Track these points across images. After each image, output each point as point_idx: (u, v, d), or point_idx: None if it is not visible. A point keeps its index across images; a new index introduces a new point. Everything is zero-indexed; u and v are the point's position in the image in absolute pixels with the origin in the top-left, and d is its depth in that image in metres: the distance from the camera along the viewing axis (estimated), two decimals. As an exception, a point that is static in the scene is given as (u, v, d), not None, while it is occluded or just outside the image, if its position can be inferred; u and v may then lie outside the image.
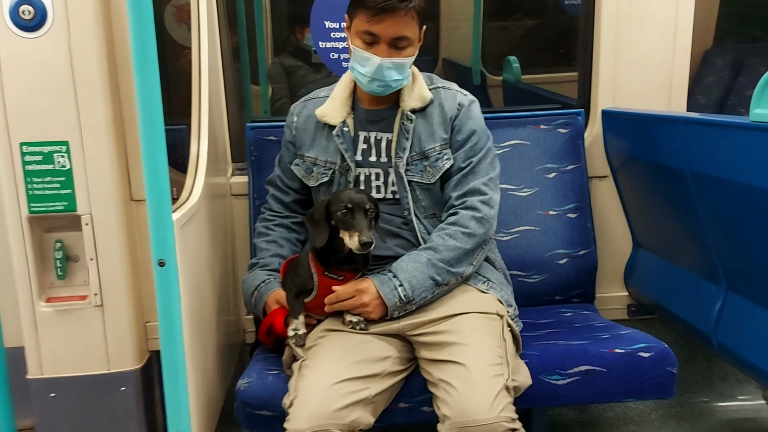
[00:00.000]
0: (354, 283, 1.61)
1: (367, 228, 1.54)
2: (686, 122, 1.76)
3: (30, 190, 1.73)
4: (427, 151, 1.72)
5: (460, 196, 1.71)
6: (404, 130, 1.72)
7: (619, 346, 1.67)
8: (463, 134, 1.73)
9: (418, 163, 1.72)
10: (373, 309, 1.60)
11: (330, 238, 1.58)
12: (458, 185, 1.72)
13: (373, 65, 1.63)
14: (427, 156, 1.72)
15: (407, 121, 1.72)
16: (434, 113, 1.74)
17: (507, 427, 1.40)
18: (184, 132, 2.01)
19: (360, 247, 1.52)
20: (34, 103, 1.69)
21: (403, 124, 1.72)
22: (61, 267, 1.80)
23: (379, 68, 1.63)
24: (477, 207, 1.69)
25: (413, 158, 1.72)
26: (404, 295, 1.59)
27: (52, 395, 1.81)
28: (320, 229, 1.58)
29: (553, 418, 2.38)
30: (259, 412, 1.57)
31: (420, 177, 1.72)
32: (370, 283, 1.61)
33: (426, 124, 1.73)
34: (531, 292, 2.06)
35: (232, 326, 2.14)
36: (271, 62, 3.84)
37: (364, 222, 1.54)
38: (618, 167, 2.19)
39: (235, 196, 2.20)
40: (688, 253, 1.96)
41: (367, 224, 1.54)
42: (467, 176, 1.72)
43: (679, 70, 2.22)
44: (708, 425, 2.33)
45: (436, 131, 1.72)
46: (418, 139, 1.72)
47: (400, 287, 1.59)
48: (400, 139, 1.72)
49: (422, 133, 1.72)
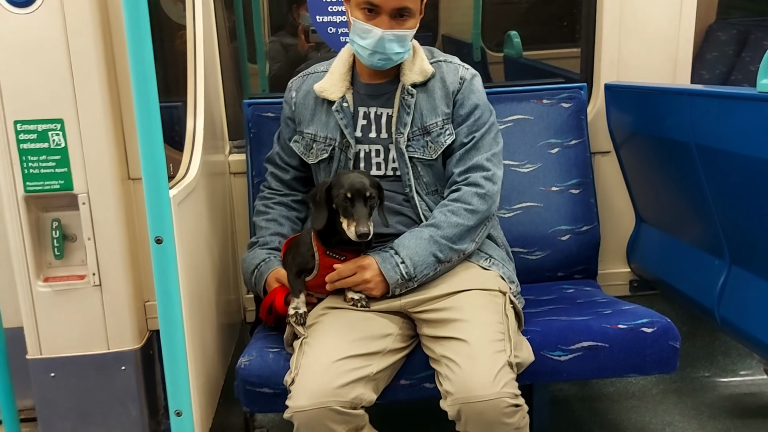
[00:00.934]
0: (356, 260, 1.60)
1: (366, 217, 1.51)
2: (691, 95, 1.73)
3: (25, 168, 1.71)
4: (428, 126, 1.69)
5: (462, 172, 1.69)
6: (405, 105, 1.69)
7: (621, 322, 1.66)
8: (466, 108, 1.70)
9: (419, 139, 1.69)
10: (375, 286, 1.58)
11: (331, 220, 1.56)
12: (461, 161, 1.69)
13: (375, 37, 1.60)
14: (429, 131, 1.69)
15: (408, 96, 1.69)
16: (436, 87, 1.71)
17: (509, 402, 1.40)
18: (180, 109, 1.99)
19: (357, 238, 1.51)
20: (28, 80, 1.66)
21: (403, 99, 1.69)
22: (59, 247, 1.78)
23: (380, 41, 1.60)
24: (480, 183, 1.67)
25: (414, 134, 1.69)
26: (406, 272, 1.58)
27: (52, 375, 1.81)
28: (320, 211, 1.56)
29: (555, 393, 2.39)
30: (259, 390, 1.56)
31: (421, 153, 1.69)
32: (372, 260, 1.59)
33: (428, 99, 1.70)
34: (533, 269, 2.05)
35: (232, 305, 2.13)
36: (270, 40, 3.80)
37: (363, 211, 1.51)
38: (621, 142, 2.16)
39: (233, 174, 2.18)
40: (692, 228, 1.94)
41: (366, 213, 1.52)
42: (470, 152, 1.69)
43: (684, 43, 2.19)
44: (709, 400, 2.34)
45: (438, 106, 1.70)
46: (420, 114, 1.69)
47: (401, 264, 1.58)
48: (401, 114, 1.69)
49: (424, 108, 1.69)
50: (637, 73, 2.19)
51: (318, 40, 3.40)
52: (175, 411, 1.31)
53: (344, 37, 2.18)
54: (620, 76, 2.19)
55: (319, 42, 3.43)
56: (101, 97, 1.71)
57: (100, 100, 1.71)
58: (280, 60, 3.74)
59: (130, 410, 1.85)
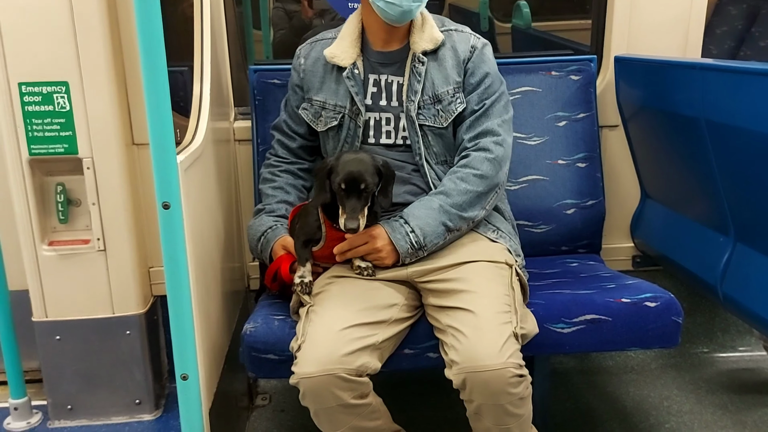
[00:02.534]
0: (366, 230, 1.59)
1: (358, 210, 1.49)
2: (703, 68, 1.71)
3: (30, 131, 1.69)
4: (440, 94, 1.68)
5: (472, 138, 1.68)
6: (416, 73, 1.68)
7: (625, 296, 1.67)
8: (477, 77, 1.70)
9: (430, 107, 1.68)
10: (386, 255, 1.59)
11: (334, 197, 1.55)
12: (471, 127, 1.69)
13: None
14: (440, 99, 1.68)
15: (419, 64, 1.68)
16: (447, 56, 1.70)
17: (515, 373, 1.41)
18: (185, 74, 1.97)
19: (345, 230, 1.50)
20: (32, 42, 1.64)
21: (414, 67, 1.68)
22: (63, 211, 1.78)
23: None
24: (489, 148, 1.66)
25: (425, 102, 1.68)
26: (416, 241, 1.58)
27: (57, 338, 1.82)
28: (321, 191, 1.56)
29: (555, 366, 2.41)
30: (264, 356, 1.58)
31: (432, 121, 1.68)
32: (382, 229, 1.59)
33: (438, 67, 1.69)
34: (537, 242, 2.05)
35: (236, 272, 2.13)
36: (273, 7, 3.75)
37: (355, 204, 1.49)
38: (630, 116, 2.14)
39: (238, 141, 2.17)
40: (698, 204, 1.94)
41: (359, 206, 1.50)
42: (480, 118, 1.69)
43: (696, 17, 2.16)
44: (707, 375, 2.36)
45: (449, 74, 1.69)
46: (431, 82, 1.68)
47: (411, 233, 1.58)
48: (412, 82, 1.68)
49: (435, 77, 1.68)
50: (648, 47, 2.16)
51: (321, 7, 3.36)
52: (182, 375, 1.33)
53: (351, 2, 2.15)
54: (630, 48, 2.17)
55: (322, 9, 3.39)
56: (105, 61, 1.69)
57: (104, 63, 1.69)
58: (284, 27, 3.70)
59: (135, 374, 1.87)
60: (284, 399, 2.28)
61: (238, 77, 2.25)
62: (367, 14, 1.71)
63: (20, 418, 1.90)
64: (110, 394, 1.88)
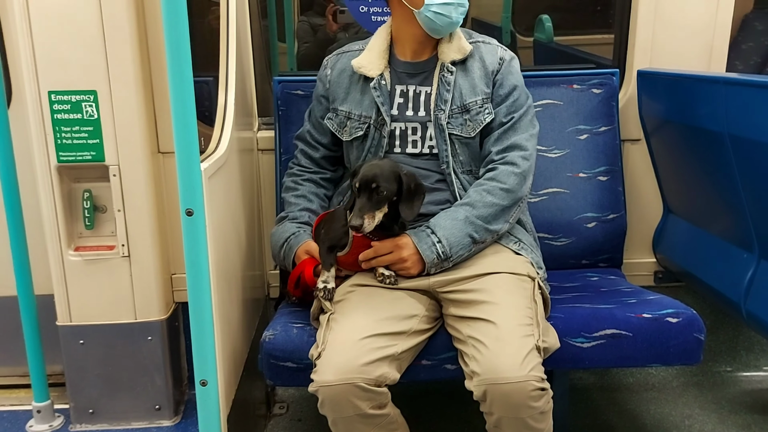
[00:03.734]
0: (393, 239, 1.60)
1: (365, 210, 1.50)
2: (727, 83, 1.70)
3: (58, 139, 1.74)
4: (468, 104, 1.70)
5: (500, 151, 1.69)
6: (445, 83, 1.70)
7: (646, 311, 1.65)
8: (505, 89, 1.72)
9: (458, 117, 1.70)
10: (412, 265, 1.59)
11: None
12: (499, 140, 1.70)
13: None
14: (468, 109, 1.70)
15: (447, 73, 1.70)
16: (474, 67, 1.72)
17: (536, 386, 1.40)
18: (210, 84, 2.00)
19: (349, 227, 1.52)
20: (63, 52, 1.69)
21: (443, 77, 1.70)
22: (89, 217, 1.81)
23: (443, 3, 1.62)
24: (516, 162, 1.68)
25: (454, 111, 1.70)
26: (442, 251, 1.59)
27: (81, 342, 1.85)
28: (350, 195, 1.58)
29: (574, 382, 2.39)
30: (283, 364, 1.58)
31: (460, 130, 1.70)
32: (409, 239, 1.60)
33: (467, 78, 1.71)
34: (557, 256, 2.04)
35: (256, 280, 2.15)
36: (298, 20, 3.79)
37: (364, 203, 1.51)
38: (652, 130, 2.13)
39: (261, 151, 2.20)
40: (722, 220, 1.91)
41: (367, 206, 1.51)
42: (508, 131, 1.70)
43: (721, 31, 2.14)
44: (730, 394, 2.32)
45: (477, 85, 1.70)
46: (459, 92, 1.70)
47: (438, 244, 1.59)
48: (441, 91, 1.70)
49: (463, 87, 1.70)
50: (671, 60, 2.15)
51: (346, 21, 3.39)
52: (201, 381, 1.34)
53: (376, 16, 2.17)
54: (653, 62, 2.16)
55: (347, 23, 3.42)
56: (134, 71, 1.73)
57: (132, 73, 1.73)
58: (308, 40, 3.73)
59: (156, 379, 1.89)
60: (301, 408, 2.28)
61: (262, 88, 2.28)
62: (399, 26, 1.73)
63: (43, 421, 1.93)
64: (131, 399, 1.90)
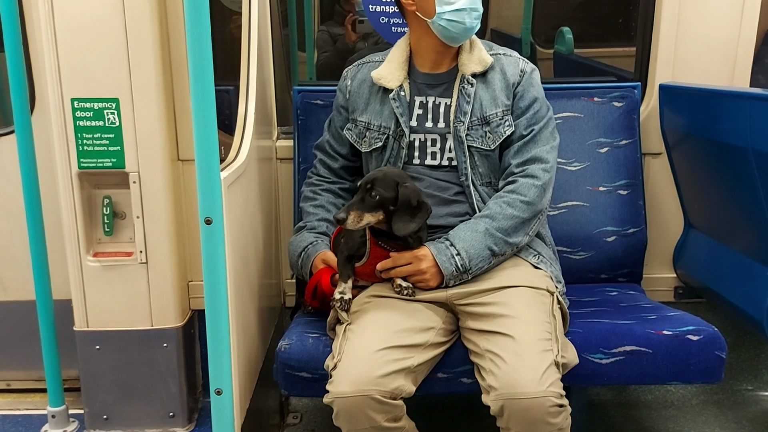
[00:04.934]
0: (412, 251, 1.59)
1: (354, 206, 1.52)
2: (751, 98, 1.68)
3: (80, 145, 1.75)
4: (488, 116, 1.69)
5: (520, 164, 1.68)
6: (465, 95, 1.69)
7: (666, 328, 1.63)
8: (526, 101, 1.71)
9: (478, 129, 1.69)
10: (431, 277, 1.58)
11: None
12: (519, 153, 1.69)
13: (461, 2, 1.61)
14: (489, 122, 1.69)
15: (468, 85, 1.69)
16: (495, 79, 1.71)
17: (555, 402, 1.38)
18: (231, 93, 2.01)
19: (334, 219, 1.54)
20: (86, 59, 1.71)
21: (463, 88, 1.70)
22: (109, 223, 1.83)
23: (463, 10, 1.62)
24: (537, 175, 1.67)
25: (473, 123, 1.69)
26: (461, 264, 1.58)
27: (97, 348, 1.86)
28: None
29: (591, 398, 2.35)
30: (298, 374, 1.58)
31: (480, 143, 1.69)
32: (428, 250, 1.59)
33: (487, 90, 1.70)
34: (576, 269, 2.01)
35: (273, 289, 2.15)
36: (318, 30, 3.81)
37: (356, 201, 1.53)
38: (674, 144, 2.11)
39: (280, 160, 2.20)
40: (745, 236, 1.88)
41: (358, 204, 1.52)
42: (528, 144, 1.69)
43: (745, 45, 2.12)
44: (751, 414, 2.28)
45: (498, 97, 1.70)
46: (479, 104, 1.69)
47: (457, 256, 1.58)
48: (461, 103, 1.69)
49: (483, 99, 1.70)
50: (693, 74, 2.13)
51: (365, 31, 3.40)
52: (216, 389, 1.33)
53: (396, 27, 2.17)
54: (675, 76, 2.14)
55: (366, 32, 3.43)
56: (156, 79, 1.74)
57: (154, 81, 1.74)
58: (328, 49, 3.75)
59: (170, 386, 1.90)
60: (315, 418, 2.27)
61: (282, 97, 2.29)
62: (417, 38, 1.73)
63: (57, 426, 1.94)
64: (145, 406, 1.91)
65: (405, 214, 1.54)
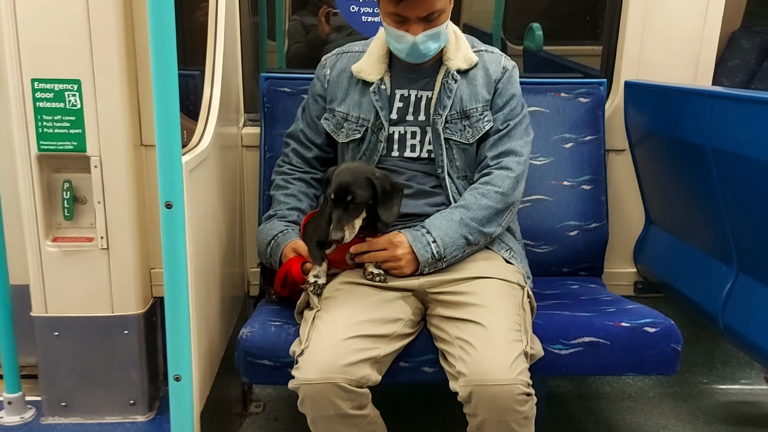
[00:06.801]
0: (388, 235, 1.60)
1: (344, 221, 1.50)
2: (711, 96, 1.71)
3: (40, 127, 1.71)
4: (468, 111, 1.71)
5: (495, 156, 1.71)
6: (447, 89, 1.70)
7: (624, 320, 1.66)
8: (504, 97, 1.73)
9: (457, 122, 1.70)
10: (406, 264, 1.59)
11: None
12: (495, 146, 1.72)
13: (408, 43, 1.62)
14: (468, 116, 1.71)
15: (451, 81, 1.71)
16: (478, 75, 1.73)
17: (523, 390, 1.40)
18: (196, 78, 1.98)
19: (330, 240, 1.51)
20: (47, 39, 1.66)
21: (446, 83, 1.71)
22: (69, 208, 1.79)
23: (413, 46, 1.62)
24: (511, 167, 1.69)
25: (453, 117, 1.70)
26: (437, 251, 1.59)
27: (56, 334, 1.82)
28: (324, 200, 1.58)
29: (551, 389, 2.39)
30: (259, 362, 1.57)
31: (459, 136, 1.71)
32: (404, 237, 1.60)
33: (469, 85, 1.72)
34: (538, 263, 2.04)
35: (236, 278, 2.14)
36: (291, 19, 3.78)
37: (341, 215, 1.50)
38: (637, 141, 2.14)
39: (246, 147, 2.18)
40: (702, 233, 1.93)
41: (344, 217, 1.50)
42: (504, 138, 1.72)
43: (708, 45, 2.17)
44: (706, 406, 2.34)
45: (479, 92, 1.72)
46: (460, 99, 1.71)
47: (433, 243, 1.59)
48: (442, 96, 1.70)
49: (464, 94, 1.71)
50: (658, 72, 2.17)
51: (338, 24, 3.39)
52: (174, 376, 1.32)
53: (366, 17, 2.16)
54: (640, 74, 2.17)
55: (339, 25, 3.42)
56: (118, 62, 1.71)
57: (117, 64, 1.71)
58: (299, 40, 3.72)
59: (131, 374, 1.87)
60: (278, 407, 2.27)
61: (250, 85, 2.27)
62: None
63: (14, 413, 1.89)
64: (105, 394, 1.88)
65: (386, 202, 1.56)
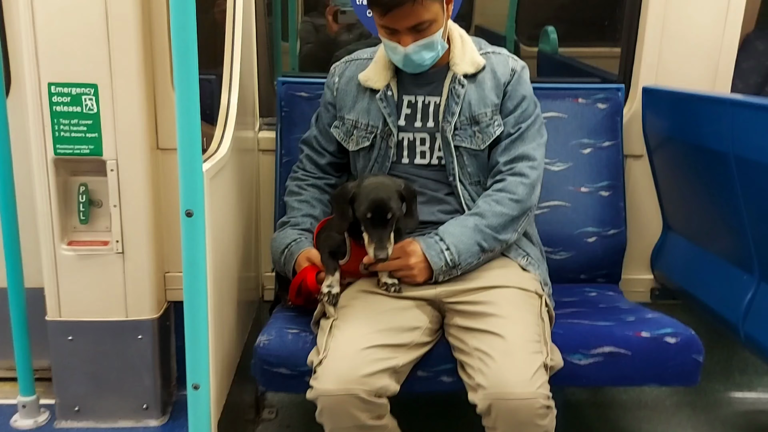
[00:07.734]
0: (401, 244, 1.58)
1: (386, 239, 1.48)
2: (734, 104, 1.69)
3: (56, 131, 1.71)
4: (477, 116, 1.68)
5: (508, 162, 1.68)
6: (454, 95, 1.68)
7: (645, 330, 1.64)
8: (514, 100, 1.70)
9: (467, 128, 1.68)
10: (419, 272, 1.57)
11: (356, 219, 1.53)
12: (506, 151, 1.69)
13: (401, 54, 1.61)
14: (478, 121, 1.68)
15: (459, 86, 1.68)
16: (486, 79, 1.70)
17: (543, 404, 1.38)
18: (213, 82, 1.97)
19: (374, 260, 1.49)
20: (65, 43, 1.66)
21: (453, 88, 1.68)
22: (84, 211, 1.78)
23: (406, 56, 1.61)
24: (525, 173, 1.66)
25: (462, 123, 1.68)
26: (450, 259, 1.57)
27: (70, 338, 1.82)
28: (343, 218, 1.54)
29: (567, 397, 2.37)
30: (276, 370, 1.56)
31: (469, 142, 1.68)
32: (417, 245, 1.58)
33: (477, 90, 1.69)
34: (556, 269, 2.00)
35: (251, 282, 2.13)
36: (302, 20, 3.78)
37: (381, 233, 1.48)
38: (655, 147, 2.12)
39: (262, 152, 2.17)
40: (722, 240, 1.91)
41: (386, 235, 1.48)
42: (515, 142, 1.69)
43: (727, 51, 2.14)
44: (723, 415, 2.31)
45: (487, 96, 1.69)
46: (468, 104, 1.68)
47: (446, 251, 1.57)
48: (450, 103, 1.68)
49: (473, 99, 1.68)
50: (676, 78, 2.14)
51: (347, 22, 3.37)
52: (193, 384, 1.31)
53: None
54: (659, 79, 2.15)
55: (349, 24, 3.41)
56: (136, 66, 1.70)
57: (135, 68, 1.70)
58: (311, 40, 3.71)
59: (144, 379, 1.86)
60: (291, 414, 2.26)
61: (264, 87, 2.25)
62: None
63: (27, 416, 1.89)
64: (118, 398, 1.87)
65: (409, 210, 1.55)
